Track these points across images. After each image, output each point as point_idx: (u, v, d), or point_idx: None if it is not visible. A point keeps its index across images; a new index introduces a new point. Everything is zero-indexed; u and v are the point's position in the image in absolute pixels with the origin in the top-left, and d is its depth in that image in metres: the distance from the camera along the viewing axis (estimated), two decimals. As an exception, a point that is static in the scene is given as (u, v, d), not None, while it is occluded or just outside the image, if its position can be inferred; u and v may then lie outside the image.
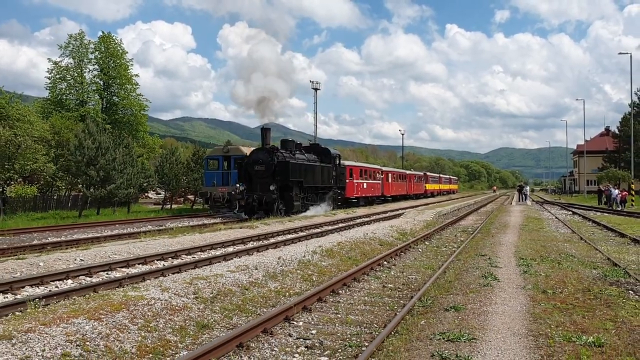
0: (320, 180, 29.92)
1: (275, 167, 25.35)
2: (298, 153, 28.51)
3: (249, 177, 25.81)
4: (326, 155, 31.87)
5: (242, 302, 7.52)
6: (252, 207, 24.98)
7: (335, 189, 32.48)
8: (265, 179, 25.17)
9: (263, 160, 25.54)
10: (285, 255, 10.90)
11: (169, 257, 12.56)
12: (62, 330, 5.24)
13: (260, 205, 24.93)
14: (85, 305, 6.09)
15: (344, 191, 34.31)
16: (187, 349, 5.69)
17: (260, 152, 26.18)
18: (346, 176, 34.65)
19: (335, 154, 33.03)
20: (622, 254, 13.10)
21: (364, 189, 38.94)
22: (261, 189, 25.10)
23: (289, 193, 26.07)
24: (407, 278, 10.52)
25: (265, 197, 24.75)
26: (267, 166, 25.33)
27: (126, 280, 9.01)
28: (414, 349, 5.43)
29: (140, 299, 6.53)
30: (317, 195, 30.18)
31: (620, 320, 6.57)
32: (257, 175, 25.55)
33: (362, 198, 39.14)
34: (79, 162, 29.89)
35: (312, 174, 28.63)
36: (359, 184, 37.53)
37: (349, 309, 7.86)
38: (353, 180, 36.08)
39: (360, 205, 37.78)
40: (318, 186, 29.82)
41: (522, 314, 6.83)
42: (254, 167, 25.68)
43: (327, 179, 31.06)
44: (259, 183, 25.39)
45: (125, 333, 5.57)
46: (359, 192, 37.63)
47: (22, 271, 10.15)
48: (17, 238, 17.82)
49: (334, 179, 32.13)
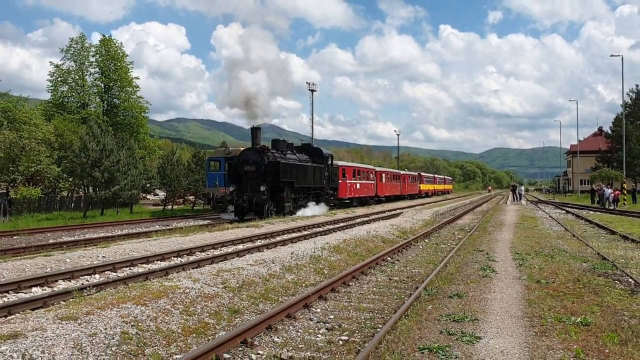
0: (312, 180, 29.55)
1: (266, 167, 24.78)
2: (289, 153, 28.12)
3: (239, 177, 25.27)
4: (318, 155, 31.44)
5: (264, 291, 8.28)
6: (242, 209, 24.41)
7: (328, 189, 32.17)
8: (256, 179, 24.63)
9: (253, 160, 24.93)
10: (297, 250, 11.67)
11: (184, 254, 13.29)
12: (116, 313, 5.98)
13: (251, 207, 24.35)
14: (130, 293, 6.84)
15: (337, 192, 33.96)
16: (224, 329, 6.44)
17: (250, 152, 25.49)
18: (339, 176, 34.39)
19: (327, 154, 32.67)
20: (612, 250, 13.90)
21: (357, 189, 38.64)
22: (251, 190, 24.52)
23: (280, 194, 25.60)
24: (410, 272, 11.29)
25: (255, 198, 24.17)
26: (257, 166, 24.73)
27: (156, 273, 9.75)
28: (424, 327, 6.20)
29: (176, 288, 7.28)
30: (309, 196, 29.82)
31: (606, 305, 7.36)
32: (247, 176, 24.93)
33: (355, 199, 38.88)
34: (83, 164, 30.47)
35: (303, 174, 28.22)
36: (352, 185, 37.25)
37: (360, 298, 8.62)
38: (346, 181, 35.85)
39: (354, 206, 37.57)
40: (310, 187, 29.46)
41: (518, 300, 7.61)
42: (243, 167, 25.05)
43: (320, 180, 30.70)
44: (249, 184, 24.78)
45: (170, 316, 6.33)
46: (352, 192, 37.32)
47: (52, 267, 10.84)
48: (33, 237, 18.50)
49: (326, 180, 31.74)
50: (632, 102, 73.90)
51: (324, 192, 31.58)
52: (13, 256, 12.80)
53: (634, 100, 73.68)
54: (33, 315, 5.86)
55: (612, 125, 74.36)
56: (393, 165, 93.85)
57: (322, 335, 6.53)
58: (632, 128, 68.66)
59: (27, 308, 6.79)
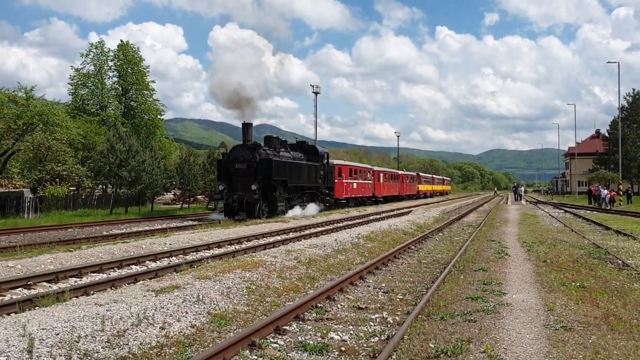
0: (307, 179, 28.45)
1: (257, 165, 23.71)
2: (283, 150, 27.01)
3: (229, 175, 24.25)
4: (314, 153, 30.35)
5: (327, 266, 10.36)
6: (232, 208, 23.34)
7: (323, 189, 31.11)
8: (247, 177, 23.59)
9: (244, 157, 23.86)
10: (339, 238, 13.77)
11: (235, 242, 15.34)
12: (234, 276, 8.04)
13: (241, 206, 23.30)
14: (235, 264, 8.88)
15: (333, 191, 32.93)
16: (311, 289, 8.49)
17: (241, 149, 24.40)
18: (335, 176, 33.25)
19: (323, 152, 31.62)
20: (605, 241, 15.99)
21: (354, 189, 37.50)
22: (242, 189, 23.46)
23: (272, 193, 24.53)
24: (435, 257, 13.33)
25: (246, 197, 23.08)
26: (248, 164, 23.69)
27: (239, 252, 11.83)
28: (462, 287, 8.26)
29: (265, 262, 9.34)
30: (304, 195, 28.78)
31: (599, 277, 9.42)
32: (237, 174, 23.88)
33: (352, 199, 37.76)
34: (111, 164, 32.46)
35: (297, 172, 27.07)
36: (348, 184, 36.09)
37: (400, 274, 10.66)
38: (342, 180, 34.79)
39: (351, 206, 36.55)
40: (304, 186, 28.44)
41: (530, 273, 9.68)
42: (234, 165, 23.95)
43: (315, 179, 29.58)
44: (239, 182, 23.75)
45: (271, 279, 8.39)
46: (348, 192, 36.13)
47: (133, 251, 12.86)
48: (87, 230, 20.49)
49: (321, 179, 30.56)
50: (628, 106, 76.24)
51: (319, 192, 30.59)
52: (91, 244, 14.79)
53: (631, 103, 76.02)
54: (175, 276, 7.92)
55: (609, 128, 76.67)
56: (392, 166, 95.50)
57: (382, 296, 8.58)
58: (628, 131, 70.96)
59: (166, 273, 8.88)
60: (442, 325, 6.07)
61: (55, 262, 10.70)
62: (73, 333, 5.01)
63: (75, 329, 5.10)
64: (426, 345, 5.28)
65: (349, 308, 7.66)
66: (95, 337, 5.04)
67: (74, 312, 5.60)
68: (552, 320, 6.20)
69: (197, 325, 5.93)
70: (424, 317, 6.51)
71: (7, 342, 4.66)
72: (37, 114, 31.12)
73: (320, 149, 31.93)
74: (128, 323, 5.49)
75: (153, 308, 6.03)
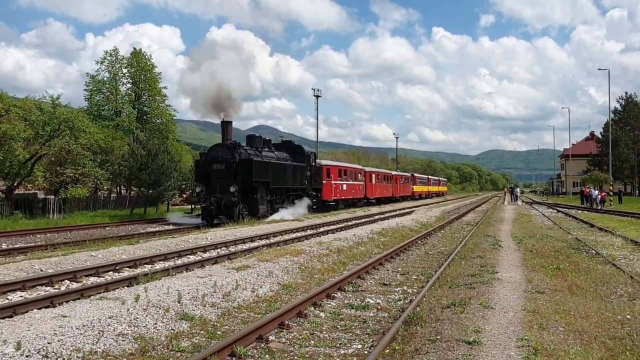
0: (292, 180, 27.30)
1: (237, 165, 22.67)
2: (266, 150, 25.87)
3: (208, 177, 23.29)
4: (299, 153, 29.13)
5: (352, 254, 12.68)
6: (210, 211, 22.45)
7: (310, 190, 29.92)
8: (225, 179, 22.60)
9: (223, 157, 22.76)
10: (357, 233, 16.09)
11: (264, 238, 17.57)
12: (286, 260, 10.33)
13: (220, 209, 22.40)
14: (281, 252, 11.17)
15: (321, 193, 31.87)
16: (345, 270, 10.79)
17: (219, 149, 23.27)
18: (323, 177, 32.33)
19: (309, 152, 30.32)
20: (587, 236, 18.31)
21: (344, 190, 36.37)
22: (220, 191, 22.46)
23: (252, 195, 23.42)
24: (439, 249, 15.63)
25: (224, 199, 22.09)
26: (227, 164, 22.65)
27: (280, 243, 14.11)
28: (464, 268, 10.57)
29: (305, 250, 11.63)
30: (289, 197, 27.70)
31: (572, 261, 11.72)
32: (216, 175, 22.91)
33: (342, 201, 36.57)
34: (132, 167, 34.65)
35: (281, 173, 25.95)
36: (337, 186, 34.98)
37: (411, 262, 12.95)
38: (331, 181, 33.74)
39: (340, 209, 35.50)
40: (289, 187, 27.35)
41: (518, 259, 11.98)
42: (212, 165, 22.93)
43: (300, 180, 28.42)
44: (218, 184, 22.76)
45: (313, 262, 10.69)
46: (337, 194, 34.99)
47: (183, 245, 15.10)
48: (119, 229, 22.65)
49: (308, 180, 29.40)
50: (621, 109, 78.73)
51: (306, 194, 29.38)
52: (145, 239, 17.00)
53: (624, 106, 78.50)
54: (243, 259, 10.21)
55: (602, 130, 79.10)
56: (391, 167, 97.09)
57: (400, 276, 10.88)
58: (621, 133, 73.48)
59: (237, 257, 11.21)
60: (450, 291, 8.36)
61: (126, 253, 12.94)
62: (198, 292, 7.29)
63: (198, 290, 7.39)
64: (440, 301, 7.57)
65: (376, 284, 9.96)
66: (213, 295, 7.33)
67: (191, 280, 7.89)
68: (530, 288, 8.49)
69: (275, 290, 8.24)
70: (436, 287, 8.80)
71: (159, 297, 6.94)
72: (63, 121, 33.34)
73: (307, 149, 30.67)
74: (229, 288, 7.78)
75: (240, 279, 8.32)
